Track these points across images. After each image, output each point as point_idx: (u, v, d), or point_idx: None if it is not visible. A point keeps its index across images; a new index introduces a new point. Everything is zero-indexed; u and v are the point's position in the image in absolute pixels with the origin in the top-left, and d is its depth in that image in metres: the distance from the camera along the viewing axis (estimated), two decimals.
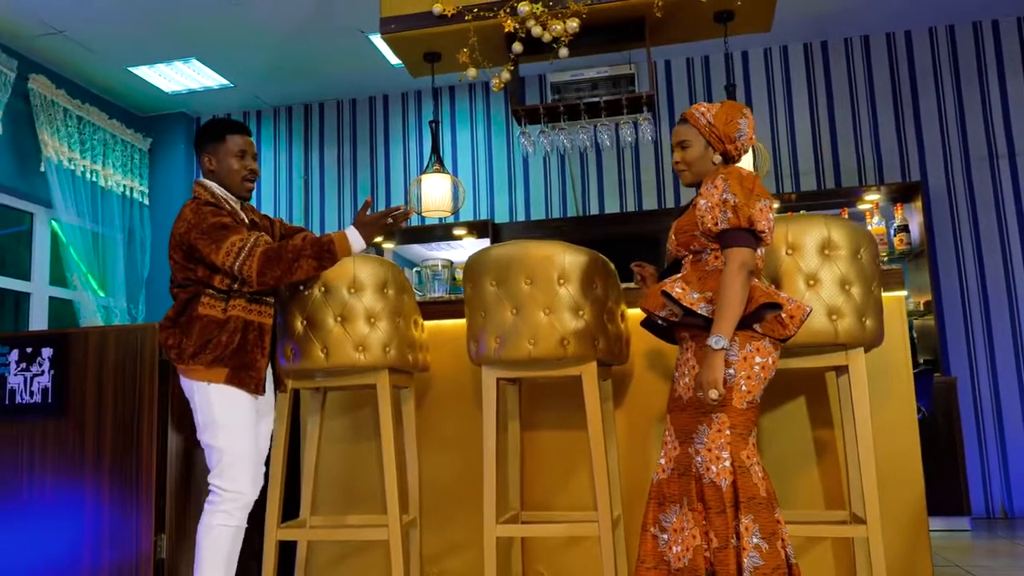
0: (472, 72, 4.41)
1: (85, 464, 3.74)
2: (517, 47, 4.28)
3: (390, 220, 2.99)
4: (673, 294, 2.50)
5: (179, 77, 6.66)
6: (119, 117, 6.97)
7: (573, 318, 3.04)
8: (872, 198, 5.89)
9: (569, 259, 3.08)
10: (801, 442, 3.36)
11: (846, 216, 5.61)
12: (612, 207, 6.50)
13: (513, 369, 3.16)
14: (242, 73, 6.65)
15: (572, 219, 6.50)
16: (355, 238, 2.92)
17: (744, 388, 2.43)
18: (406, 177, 6.92)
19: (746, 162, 4.54)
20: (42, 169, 6.05)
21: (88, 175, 6.51)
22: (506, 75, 4.39)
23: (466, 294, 3.26)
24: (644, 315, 2.81)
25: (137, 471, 3.62)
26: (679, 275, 2.61)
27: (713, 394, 2.35)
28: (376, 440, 3.79)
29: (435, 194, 4.71)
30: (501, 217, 6.66)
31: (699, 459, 2.44)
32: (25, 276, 6.27)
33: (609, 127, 4.55)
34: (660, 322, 2.69)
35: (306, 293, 3.16)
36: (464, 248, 7.05)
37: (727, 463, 2.40)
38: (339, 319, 3.14)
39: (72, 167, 6.33)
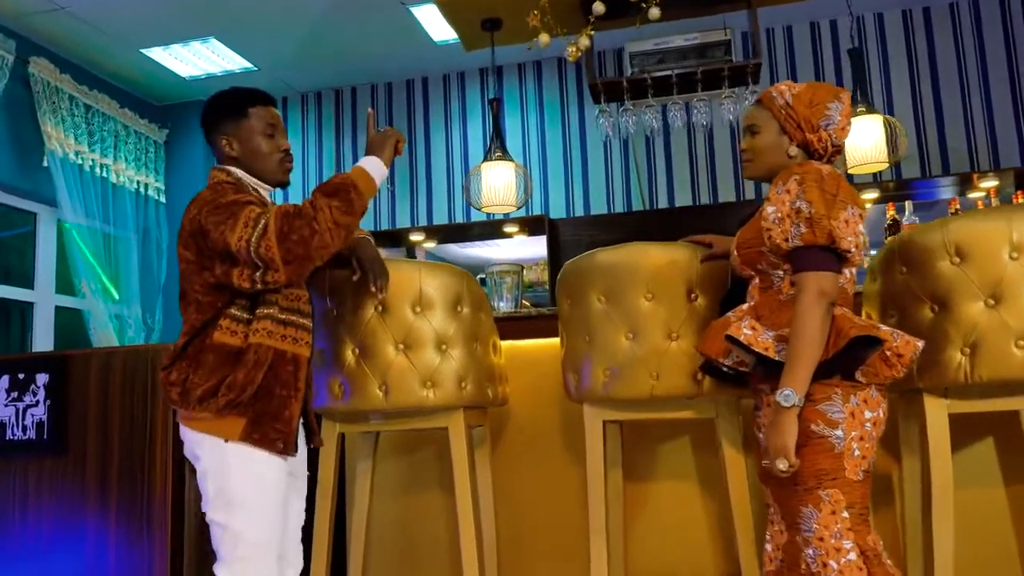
0: (544, 39, 3.68)
1: (87, 509, 3.24)
2: (598, 7, 3.56)
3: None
4: (741, 337, 1.90)
5: (197, 60, 5.98)
6: (132, 106, 6.30)
7: None
8: (988, 185, 5.12)
9: (703, 265, 2.37)
10: (988, 500, 2.62)
11: (956, 207, 4.84)
12: (683, 199, 5.76)
13: (627, 410, 2.45)
14: (267, 54, 5.96)
15: (637, 213, 5.77)
16: (372, 164, 2.16)
17: (858, 453, 1.84)
18: (449, 166, 6.21)
19: (875, 140, 3.80)
20: (45, 164, 5.39)
21: (97, 170, 5.85)
22: (585, 41, 3.66)
23: (562, 312, 2.55)
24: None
25: (148, 517, 3.15)
26: (747, 305, 2.01)
27: (782, 464, 1.82)
28: (439, 487, 3.09)
29: (498, 185, 3.99)
30: (557, 212, 5.94)
31: (810, 552, 1.82)
32: (29, 284, 5.62)
33: (706, 102, 3.81)
34: (726, 370, 2.07)
35: (359, 312, 2.46)
36: (513, 248, 6.33)
37: (852, 555, 1.79)
38: (402, 346, 2.44)
39: (79, 161, 5.67)
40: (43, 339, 5.61)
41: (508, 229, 5.87)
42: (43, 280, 5.69)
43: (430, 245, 6.39)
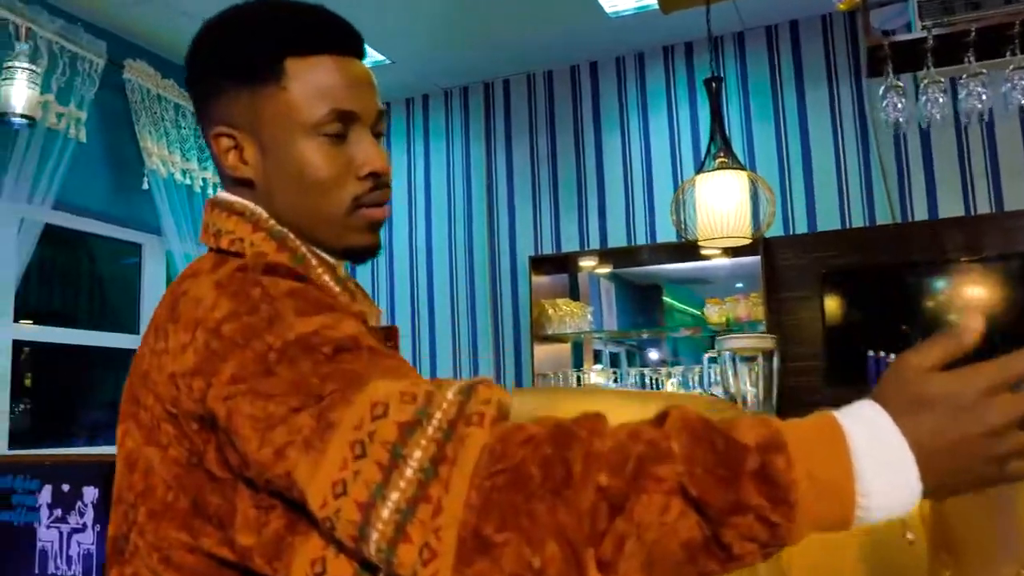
0: None
1: None
2: None
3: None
4: None
5: None
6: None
7: None
8: None
9: None
10: None
11: None
12: (950, 208, 4.25)
13: None
14: (402, 45, 4.88)
15: (882, 228, 4.30)
16: (887, 470, 0.62)
17: None
18: (626, 174, 4.93)
19: None
20: (145, 186, 4.51)
21: (210, 190, 4.95)
22: None
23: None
24: None
25: None
26: None
27: None
28: None
29: (724, 208, 2.70)
30: (771, 228, 4.54)
31: None
32: (132, 328, 4.77)
33: None
34: None
35: None
36: (708, 269, 5.00)
37: None
38: None
39: (187, 182, 4.77)
40: None
41: (706, 252, 4.53)
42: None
43: (604, 271, 5.15)
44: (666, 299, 5.90)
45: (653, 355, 6.26)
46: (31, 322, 4.28)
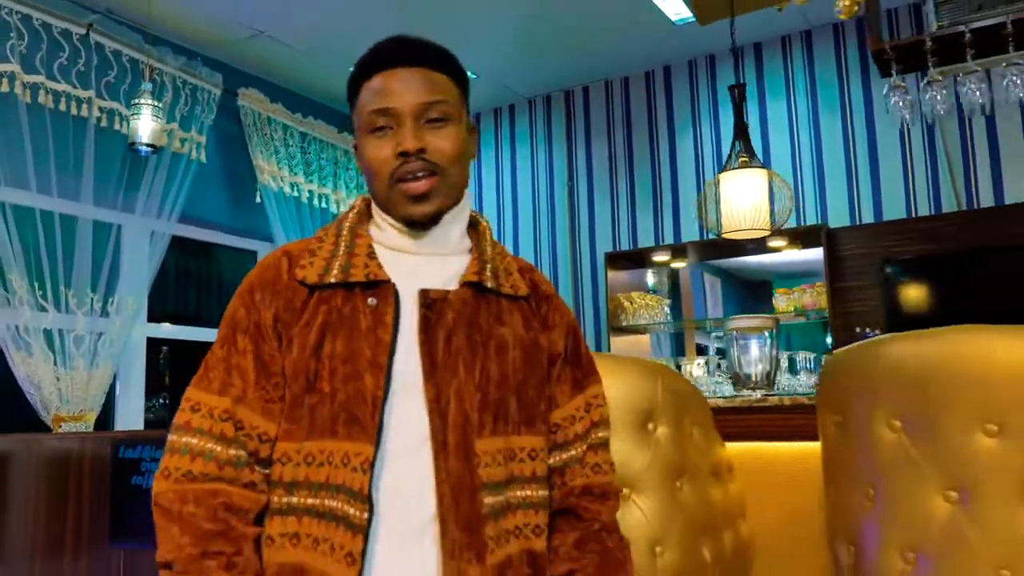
0: None
1: None
2: None
3: None
4: None
5: None
6: (352, 131, 5.88)
7: None
8: None
9: None
10: None
11: None
12: (1019, 193, 4.29)
13: None
14: (486, 59, 5.27)
15: (949, 216, 4.37)
16: None
17: None
18: (699, 172, 5.15)
19: None
20: (258, 200, 5.06)
21: (316, 201, 5.48)
22: None
23: (825, 437, 1.51)
24: None
25: None
26: None
27: None
28: None
29: (743, 203, 2.93)
30: (838, 219, 4.67)
31: None
32: None
33: None
34: None
35: None
36: (783, 259, 5.16)
37: None
38: None
39: (295, 194, 5.31)
40: None
41: (774, 244, 4.72)
42: None
43: (679, 265, 5.38)
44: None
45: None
46: (167, 323, 4.89)
